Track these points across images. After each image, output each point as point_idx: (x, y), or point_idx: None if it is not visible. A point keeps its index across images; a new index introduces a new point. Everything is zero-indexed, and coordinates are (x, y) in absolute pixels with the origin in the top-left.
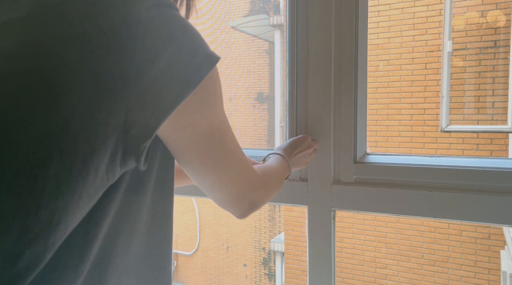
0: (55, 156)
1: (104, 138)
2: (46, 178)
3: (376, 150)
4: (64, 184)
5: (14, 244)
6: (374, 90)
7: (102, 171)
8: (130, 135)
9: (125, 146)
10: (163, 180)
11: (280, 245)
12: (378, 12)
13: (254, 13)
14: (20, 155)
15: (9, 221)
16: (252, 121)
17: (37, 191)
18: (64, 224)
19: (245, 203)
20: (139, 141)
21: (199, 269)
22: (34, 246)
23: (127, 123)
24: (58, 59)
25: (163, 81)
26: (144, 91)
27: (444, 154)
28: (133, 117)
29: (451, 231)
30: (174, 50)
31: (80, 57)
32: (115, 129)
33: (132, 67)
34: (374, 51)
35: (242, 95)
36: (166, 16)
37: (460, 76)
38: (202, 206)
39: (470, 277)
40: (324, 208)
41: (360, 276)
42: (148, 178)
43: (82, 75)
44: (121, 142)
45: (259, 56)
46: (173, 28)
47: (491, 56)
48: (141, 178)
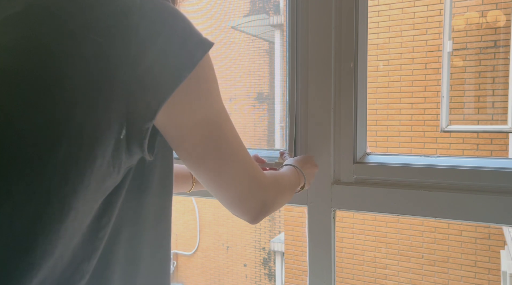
0: (63, 143)
1: (108, 124)
2: (55, 164)
3: (376, 150)
4: (73, 170)
5: (28, 231)
6: (374, 90)
7: (109, 157)
8: (132, 119)
9: (129, 130)
10: (164, 178)
11: (280, 245)
12: (378, 12)
13: (254, 13)
14: (29, 143)
15: (23, 208)
16: (252, 121)
17: (47, 177)
18: (74, 212)
19: (256, 203)
20: (141, 124)
21: (199, 269)
22: (47, 233)
23: (129, 108)
24: (58, 50)
25: (161, 66)
26: (143, 77)
27: (444, 154)
28: (134, 102)
29: (451, 231)
30: (168, 35)
31: (80, 47)
32: (118, 114)
33: (129, 53)
34: (374, 51)
35: (242, 95)
36: (158, 4)
37: (460, 76)
38: (202, 206)
39: (470, 277)
40: (324, 208)
41: (360, 276)
42: (150, 176)
43: (83, 64)
44: (125, 126)
45: (259, 56)
46: (165, 15)
47: (491, 56)
48: (143, 176)
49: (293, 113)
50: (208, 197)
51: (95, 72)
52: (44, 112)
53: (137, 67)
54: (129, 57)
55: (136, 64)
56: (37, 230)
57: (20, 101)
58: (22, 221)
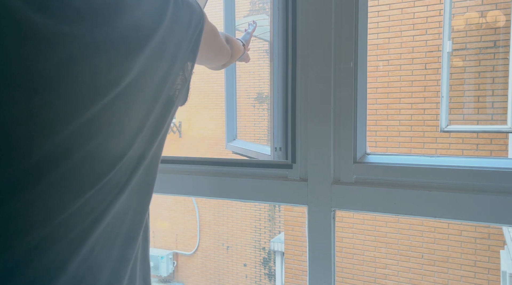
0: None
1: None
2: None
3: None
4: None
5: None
6: (374, 90)
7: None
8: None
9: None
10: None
11: (280, 245)
12: (378, 12)
13: (254, 13)
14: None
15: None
16: (252, 121)
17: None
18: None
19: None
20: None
21: (199, 269)
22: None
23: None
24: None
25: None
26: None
27: (443, 154)
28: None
29: (450, 231)
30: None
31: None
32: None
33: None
34: (374, 51)
35: (242, 95)
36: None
37: (460, 76)
38: (202, 206)
39: (470, 277)
40: (324, 208)
41: (360, 276)
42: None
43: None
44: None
45: (259, 56)
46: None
47: (491, 56)
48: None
49: (293, 113)
50: (208, 197)
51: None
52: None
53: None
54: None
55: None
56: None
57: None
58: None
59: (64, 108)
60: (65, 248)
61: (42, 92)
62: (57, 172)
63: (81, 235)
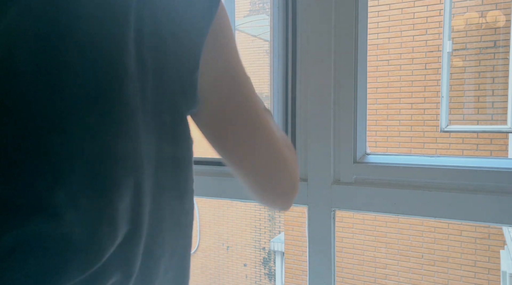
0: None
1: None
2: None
3: (376, 150)
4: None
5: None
6: (374, 90)
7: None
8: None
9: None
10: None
11: (280, 245)
12: (378, 12)
13: (254, 13)
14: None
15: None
16: None
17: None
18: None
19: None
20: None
21: (199, 269)
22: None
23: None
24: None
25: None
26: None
27: (443, 154)
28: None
29: (450, 231)
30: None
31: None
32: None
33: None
34: (374, 51)
35: None
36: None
37: (460, 76)
38: (202, 206)
39: (470, 277)
40: (324, 208)
41: (360, 276)
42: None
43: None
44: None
45: (259, 56)
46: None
47: (491, 56)
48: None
49: (293, 113)
50: (208, 197)
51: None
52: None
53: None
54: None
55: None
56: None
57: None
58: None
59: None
60: None
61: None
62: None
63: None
